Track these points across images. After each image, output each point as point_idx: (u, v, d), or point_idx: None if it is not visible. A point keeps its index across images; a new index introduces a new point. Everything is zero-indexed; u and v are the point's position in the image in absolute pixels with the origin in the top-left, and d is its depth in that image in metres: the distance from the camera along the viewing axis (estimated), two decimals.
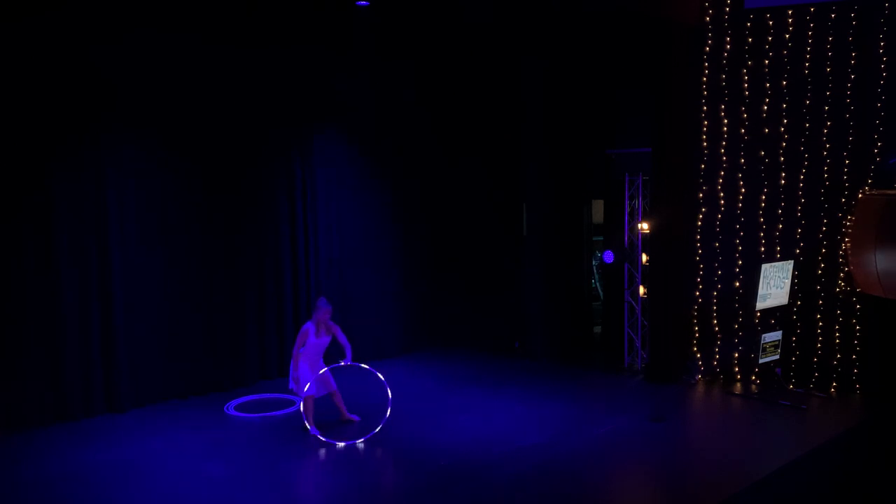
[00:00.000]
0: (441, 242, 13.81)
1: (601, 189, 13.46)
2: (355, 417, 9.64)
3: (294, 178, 11.77)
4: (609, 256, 12.39)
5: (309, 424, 9.17)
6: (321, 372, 9.25)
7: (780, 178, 11.15)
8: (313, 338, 9.19)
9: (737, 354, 11.46)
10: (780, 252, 11.18)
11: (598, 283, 15.53)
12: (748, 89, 11.15)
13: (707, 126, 11.37)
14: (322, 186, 12.08)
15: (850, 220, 10.78)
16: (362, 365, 9.50)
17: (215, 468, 8.34)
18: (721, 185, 11.35)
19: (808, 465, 8.68)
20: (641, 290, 12.19)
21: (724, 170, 11.33)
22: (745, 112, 11.19)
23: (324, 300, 9.34)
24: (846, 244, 10.80)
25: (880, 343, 10.67)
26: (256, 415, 10.11)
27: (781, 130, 11.10)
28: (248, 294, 11.36)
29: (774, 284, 10.88)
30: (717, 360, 11.55)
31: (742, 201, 11.32)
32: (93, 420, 9.82)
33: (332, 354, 9.84)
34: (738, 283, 11.33)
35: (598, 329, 14.33)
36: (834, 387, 11.02)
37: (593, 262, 15.04)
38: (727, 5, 11.14)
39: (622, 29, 12.28)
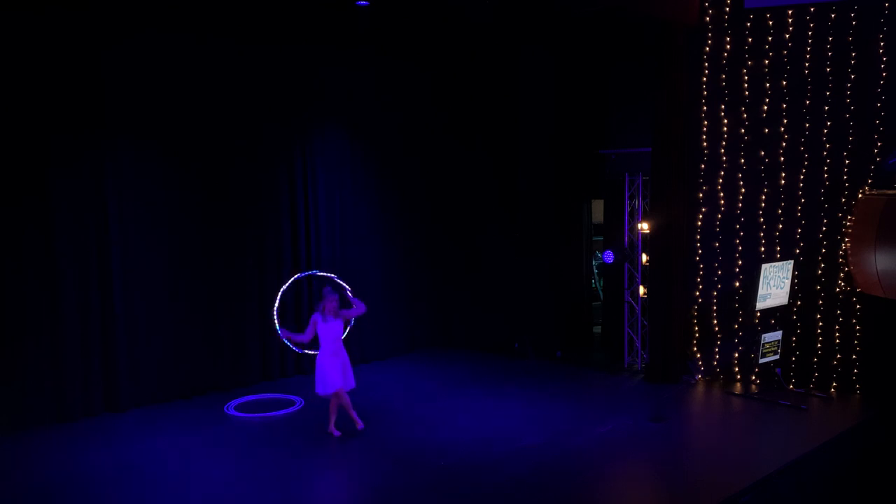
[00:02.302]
0: (441, 242, 13.82)
1: (601, 189, 13.46)
2: (360, 424, 9.38)
3: (295, 176, 11.77)
4: (609, 256, 12.39)
5: (331, 425, 9.23)
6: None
7: (780, 178, 11.15)
8: (322, 325, 9.07)
9: (737, 354, 11.46)
10: (780, 252, 11.18)
11: (597, 283, 15.52)
12: (748, 89, 11.15)
13: (707, 126, 11.37)
14: (323, 186, 12.08)
15: (850, 220, 10.78)
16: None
17: (214, 468, 8.35)
18: (721, 185, 11.35)
19: (808, 465, 8.69)
20: (641, 290, 12.19)
21: (724, 170, 11.33)
22: (745, 112, 11.19)
23: (328, 289, 9.21)
24: (846, 244, 10.80)
25: (880, 343, 10.67)
26: (256, 415, 10.11)
27: (781, 130, 11.10)
28: (249, 293, 11.35)
29: (774, 284, 10.88)
30: (717, 360, 11.55)
31: (742, 201, 11.32)
32: (93, 420, 9.82)
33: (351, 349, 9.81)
34: (738, 283, 11.34)
35: (597, 329, 14.33)
36: (834, 387, 11.02)
37: (593, 262, 15.04)
38: (727, 5, 11.14)
39: (622, 29, 12.29)
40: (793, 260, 11.02)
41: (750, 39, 11.09)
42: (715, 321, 11.50)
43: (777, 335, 11.06)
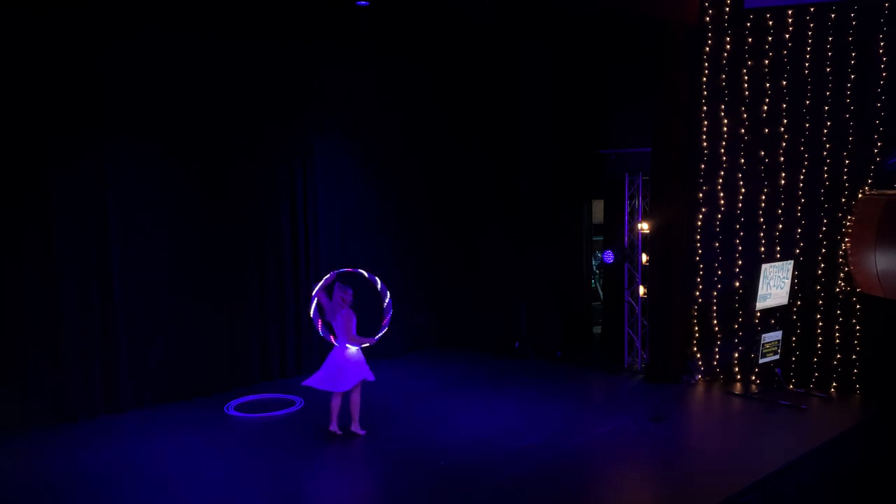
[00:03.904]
0: (441, 242, 13.82)
1: (601, 189, 13.46)
2: (361, 432, 9.27)
3: (295, 176, 11.77)
4: (609, 256, 12.39)
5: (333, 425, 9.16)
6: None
7: (780, 178, 11.15)
8: (343, 312, 8.99)
9: (737, 354, 11.46)
10: (780, 252, 11.19)
11: (597, 284, 15.51)
12: (748, 89, 11.15)
13: (707, 126, 11.37)
14: (323, 186, 12.08)
15: (850, 220, 10.78)
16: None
17: (214, 468, 8.35)
18: (721, 184, 11.36)
19: (808, 465, 8.69)
20: (641, 290, 12.19)
21: (724, 170, 11.34)
22: (745, 112, 11.19)
23: (338, 283, 9.11)
24: (846, 244, 10.80)
25: (880, 343, 10.67)
26: (256, 415, 10.11)
27: (781, 130, 11.11)
28: (249, 293, 11.35)
29: (774, 284, 10.88)
30: (717, 360, 11.55)
31: (742, 201, 11.32)
32: (93, 420, 9.81)
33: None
34: (738, 283, 11.34)
35: (597, 329, 14.33)
36: (834, 387, 11.02)
37: (593, 262, 15.02)
38: (727, 5, 11.14)
39: (622, 29, 12.29)
40: (793, 260, 11.02)
41: (750, 39, 11.09)
42: (715, 321, 11.50)
43: (777, 335, 11.06)
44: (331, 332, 9.14)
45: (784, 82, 11.03)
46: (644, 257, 12.10)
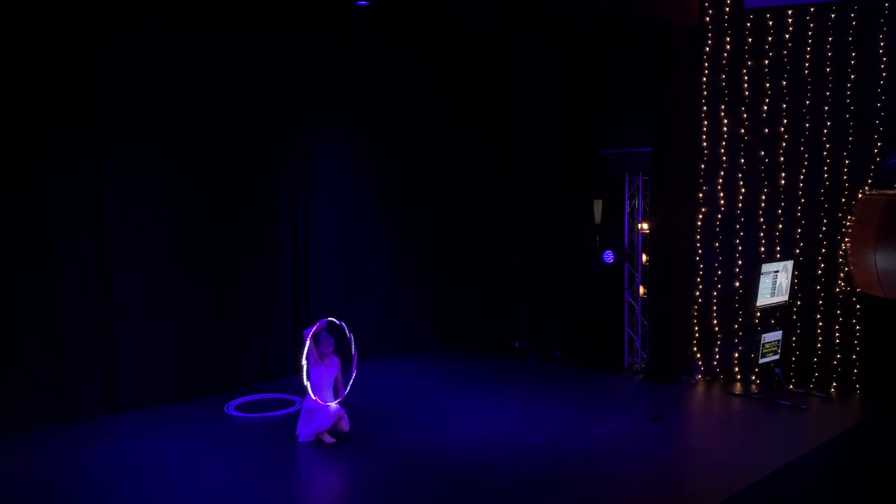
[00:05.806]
0: (441, 242, 13.82)
1: (601, 189, 13.44)
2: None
3: (295, 176, 11.78)
4: (609, 256, 12.39)
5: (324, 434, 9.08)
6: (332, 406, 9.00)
7: (780, 178, 11.15)
8: (319, 367, 8.93)
9: (737, 354, 11.46)
10: (780, 252, 11.19)
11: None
12: (748, 89, 11.16)
13: (707, 126, 11.37)
14: (323, 186, 12.09)
15: (850, 220, 10.78)
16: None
17: (214, 468, 8.35)
18: (721, 185, 11.36)
19: (808, 465, 8.69)
20: (641, 290, 12.19)
21: (724, 170, 11.34)
22: (745, 112, 11.19)
23: (325, 334, 8.99)
24: (846, 244, 10.80)
25: (880, 343, 10.67)
26: (256, 415, 10.12)
27: (781, 130, 11.11)
28: (249, 293, 11.35)
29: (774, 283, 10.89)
30: (717, 360, 11.56)
31: (742, 201, 11.32)
32: (93, 420, 9.81)
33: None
34: (738, 283, 11.34)
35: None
36: (834, 387, 11.02)
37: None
38: (727, 5, 11.15)
39: (622, 29, 12.29)
40: (793, 260, 11.03)
41: (750, 39, 11.09)
42: (715, 321, 11.50)
43: (777, 335, 11.06)
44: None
45: (784, 82, 11.03)
46: (644, 257, 12.10)
